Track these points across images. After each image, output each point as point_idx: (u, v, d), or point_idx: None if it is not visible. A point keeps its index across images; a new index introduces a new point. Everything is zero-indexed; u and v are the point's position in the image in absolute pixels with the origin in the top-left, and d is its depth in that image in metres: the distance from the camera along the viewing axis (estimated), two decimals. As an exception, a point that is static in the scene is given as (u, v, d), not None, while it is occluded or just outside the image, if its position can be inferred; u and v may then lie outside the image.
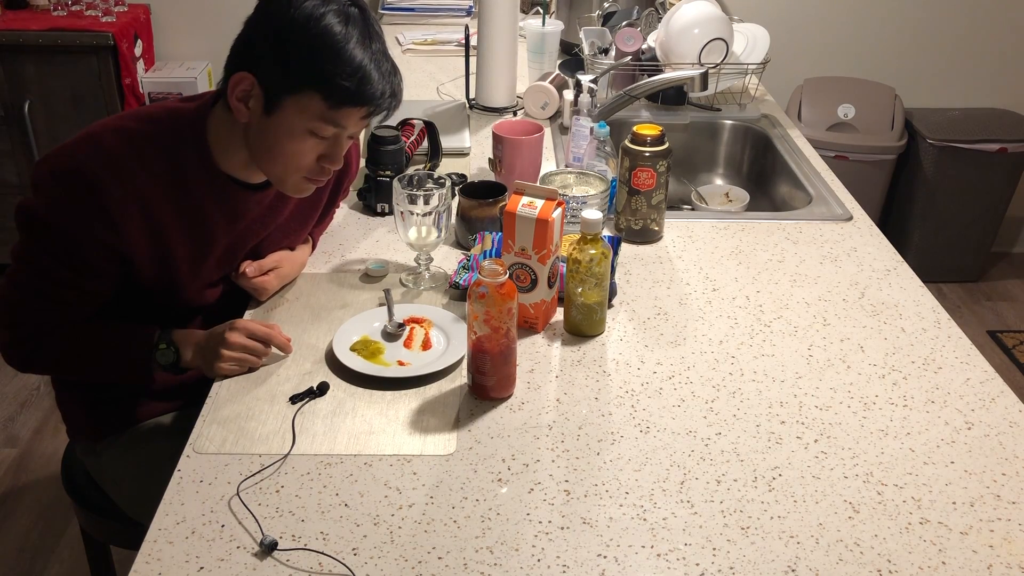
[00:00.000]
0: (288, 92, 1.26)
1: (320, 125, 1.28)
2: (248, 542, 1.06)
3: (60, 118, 3.08)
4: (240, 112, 1.30)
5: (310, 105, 1.26)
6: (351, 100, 1.26)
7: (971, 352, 1.43)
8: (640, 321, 1.49)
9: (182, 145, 1.34)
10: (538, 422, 1.26)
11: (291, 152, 1.30)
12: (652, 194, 1.68)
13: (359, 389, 1.31)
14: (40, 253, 1.31)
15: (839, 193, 1.93)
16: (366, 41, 1.26)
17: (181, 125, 1.35)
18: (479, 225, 1.63)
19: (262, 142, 1.32)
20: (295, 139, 1.29)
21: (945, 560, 1.06)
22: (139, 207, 1.31)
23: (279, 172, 1.34)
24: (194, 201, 1.36)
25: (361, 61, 1.25)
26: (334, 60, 1.24)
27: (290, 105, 1.27)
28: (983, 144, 3.26)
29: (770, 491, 1.15)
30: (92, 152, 1.28)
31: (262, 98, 1.27)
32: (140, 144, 1.31)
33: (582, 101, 1.93)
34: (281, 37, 1.25)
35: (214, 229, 1.40)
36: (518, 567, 1.04)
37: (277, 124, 1.28)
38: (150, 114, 1.36)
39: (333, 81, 1.24)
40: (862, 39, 3.44)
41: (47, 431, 2.66)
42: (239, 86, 1.28)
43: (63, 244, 1.30)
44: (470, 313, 1.25)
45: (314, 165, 1.34)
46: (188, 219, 1.37)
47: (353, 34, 1.25)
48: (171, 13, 3.37)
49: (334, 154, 1.33)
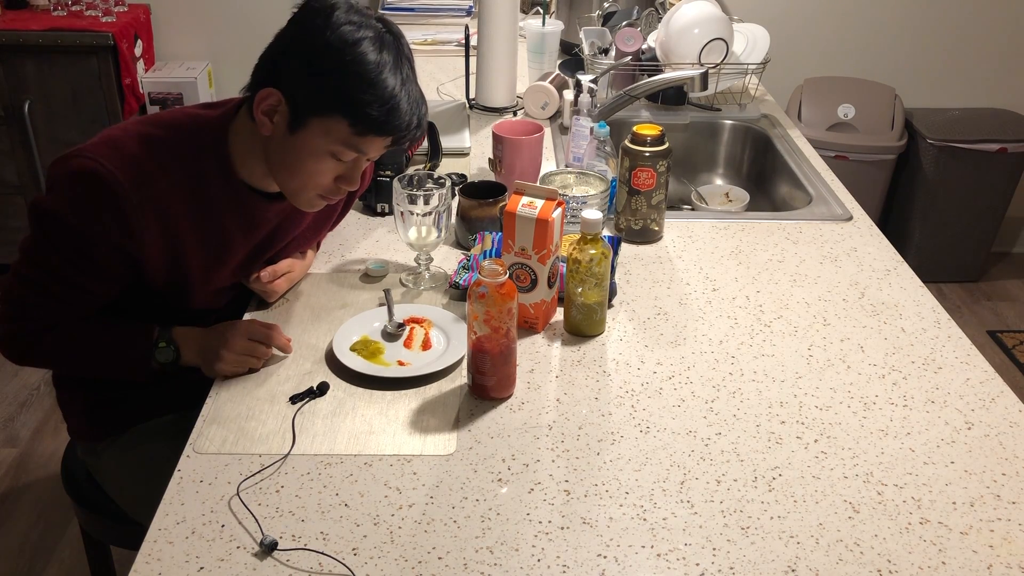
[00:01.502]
0: (315, 113, 1.26)
1: (342, 149, 1.28)
2: (248, 542, 1.06)
3: (60, 118, 3.08)
4: (264, 126, 1.29)
5: (335, 129, 1.26)
6: (377, 130, 1.26)
7: (971, 352, 1.43)
8: (640, 321, 1.49)
9: (202, 153, 1.33)
10: (538, 422, 1.26)
11: (310, 171, 1.31)
12: (652, 194, 1.68)
13: (359, 389, 1.31)
14: (50, 251, 1.30)
15: (839, 193, 1.93)
16: (397, 71, 1.26)
17: (203, 133, 1.34)
18: (479, 225, 1.63)
19: (282, 158, 1.31)
20: (315, 159, 1.29)
21: (945, 560, 1.06)
22: (156, 213, 1.30)
23: (295, 188, 1.34)
24: (212, 210, 1.36)
25: (392, 92, 1.24)
26: (365, 89, 1.23)
27: (315, 126, 1.26)
28: (983, 144, 3.26)
29: (770, 491, 1.15)
30: (112, 155, 1.27)
31: (287, 115, 1.27)
32: (161, 151, 1.30)
33: (582, 101, 1.93)
34: (314, 58, 1.24)
35: (231, 239, 1.40)
36: (518, 567, 1.04)
37: (300, 143, 1.28)
38: (172, 120, 1.35)
39: (361, 110, 1.24)
40: (862, 39, 3.44)
41: (47, 431, 2.66)
42: (266, 100, 1.27)
43: (75, 244, 1.29)
44: (470, 313, 1.25)
45: (331, 185, 1.34)
46: (205, 228, 1.36)
47: (387, 62, 1.24)
48: (171, 13, 3.37)
49: (352, 177, 1.34)
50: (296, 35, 1.27)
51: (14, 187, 3.16)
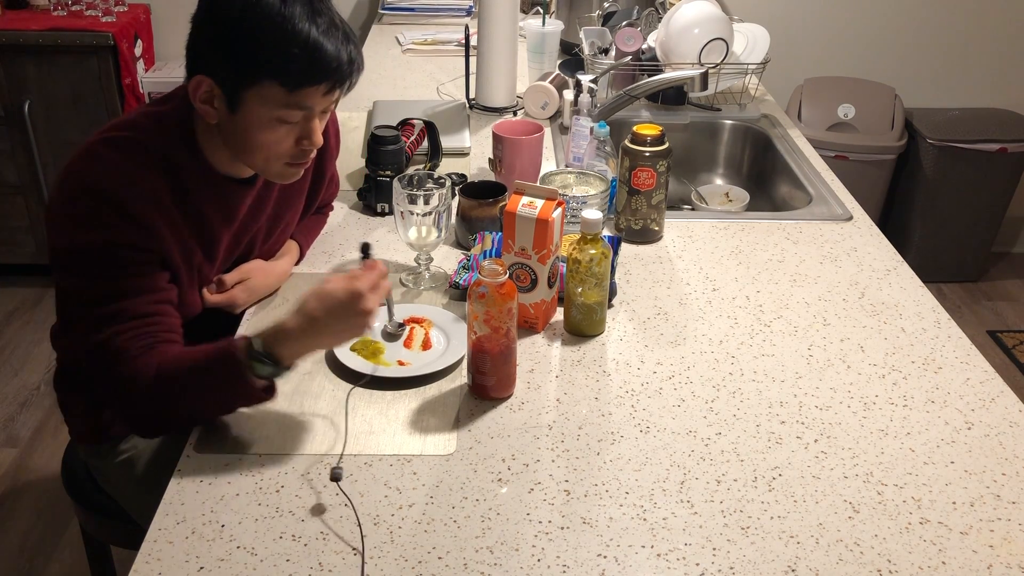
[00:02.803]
0: (245, 87, 1.23)
1: (286, 112, 1.25)
2: (248, 542, 1.06)
3: (60, 118, 3.08)
4: (208, 114, 1.27)
5: (270, 94, 1.23)
6: (307, 79, 1.22)
7: (971, 352, 1.43)
8: (640, 321, 1.49)
9: (172, 147, 1.31)
10: (538, 422, 1.26)
11: (266, 143, 1.28)
12: (652, 194, 1.68)
13: (359, 389, 1.31)
14: (90, 283, 1.23)
15: (839, 193, 1.93)
16: (310, 14, 1.21)
17: (166, 127, 1.31)
18: (479, 225, 1.63)
19: (236, 140, 1.29)
20: (266, 130, 1.27)
21: (945, 560, 1.06)
22: (155, 208, 1.26)
23: (260, 163, 1.32)
24: (194, 202, 1.34)
25: (308, 36, 1.20)
26: (279, 43, 1.20)
27: (251, 98, 1.23)
28: (983, 144, 3.26)
29: (770, 491, 1.15)
30: (95, 166, 1.24)
31: (224, 97, 1.25)
32: (133, 151, 1.28)
33: (582, 101, 1.94)
34: (224, 33, 1.22)
35: (214, 228, 1.38)
36: (518, 567, 1.04)
37: (245, 120, 1.26)
38: (131, 122, 1.32)
39: (284, 66, 1.21)
40: (862, 39, 3.44)
41: (47, 431, 2.66)
42: (199, 89, 1.25)
43: (106, 258, 1.22)
44: (470, 313, 1.25)
45: (294, 149, 1.31)
46: (193, 220, 1.34)
47: (294, 11, 1.20)
48: (171, 13, 3.37)
49: (310, 134, 1.30)
50: (205, 17, 1.25)
51: (14, 187, 3.16)
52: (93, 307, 1.23)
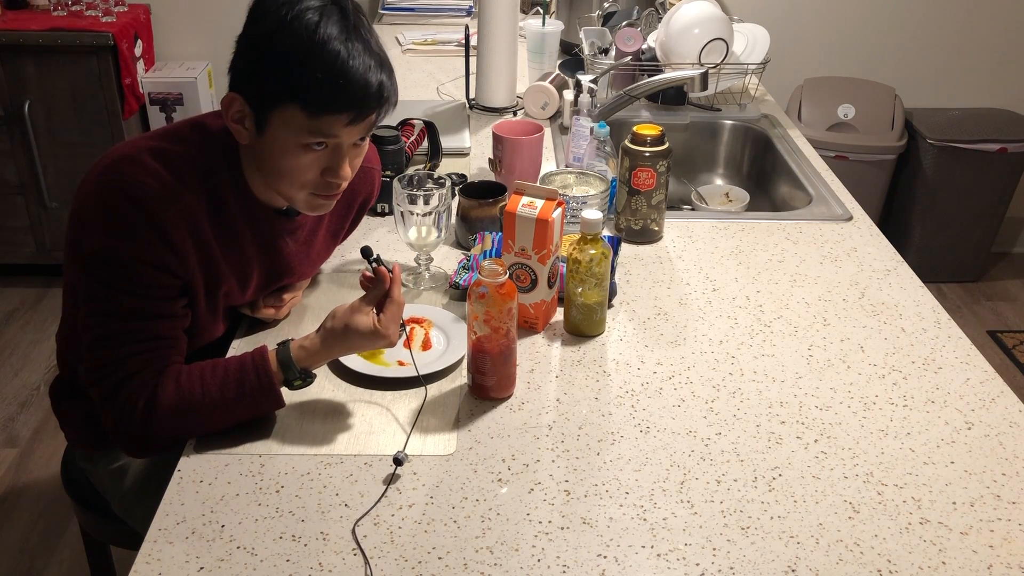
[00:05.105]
0: (269, 108, 1.18)
1: (307, 137, 1.19)
2: (248, 542, 1.06)
3: (60, 118, 3.08)
4: (240, 134, 1.23)
5: (291, 118, 1.17)
6: (329, 105, 1.17)
7: (971, 352, 1.43)
8: (640, 321, 1.49)
9: (215, 167, 1.26)
10: (538, 422, 1.26)
11: (289, 169, 1.22)
12: (652, 194, 1.68)
13: (359, 389, 1.31)
14: (112, 293, 1.19)
15: (839, 193, 1.93)
16: (345, 40, 1.15)
17: (212, 146, 1.27)
18: (479, 225, 1.63)
19: (264, 162, 1.25)
20: (290, 155, 1.22)
21: (945, 560, 1.06)
22: (189, 230, 1.22)
23: (285, 190, 1.27)
24: (233, 228, 1.29)
25: (334, 61, 1.14)
26: (303, 65, 1.14)
27: (275, 121, 1.19)
28: (983, 144, 3.26)
29: (770, 491, 1.15)
30: (141, 177, 1.19)
31: (252, 117, 1.20)
32: (178, 165, 1.22)
33: (582, 101, 1.94)
34: (254, 50, 1.18)
35: (250, 260, 1.34)
36: (518, 567, 1.04)
37: (270, 142, 1.21)
38: (179, 133, 1.28)
39: (305, 88, 1.15)
40: (862, 39, 3.44)
41: (47, 431, 2.66)
42: (231, 108, 1.21)
43: (134, 274, 1.19)
44: (470, 313, 1.25)
45: (319, 180, 1.25)
46: (231, 248, 1.29)
47: (328, 33, 1.14)
48: (171, 13, 3.37)
49: (335, 167, 1.23)
50: (243, 31, 1.21)
51: (14, 187, 3.16)
52: (110, 319, 1.20)
